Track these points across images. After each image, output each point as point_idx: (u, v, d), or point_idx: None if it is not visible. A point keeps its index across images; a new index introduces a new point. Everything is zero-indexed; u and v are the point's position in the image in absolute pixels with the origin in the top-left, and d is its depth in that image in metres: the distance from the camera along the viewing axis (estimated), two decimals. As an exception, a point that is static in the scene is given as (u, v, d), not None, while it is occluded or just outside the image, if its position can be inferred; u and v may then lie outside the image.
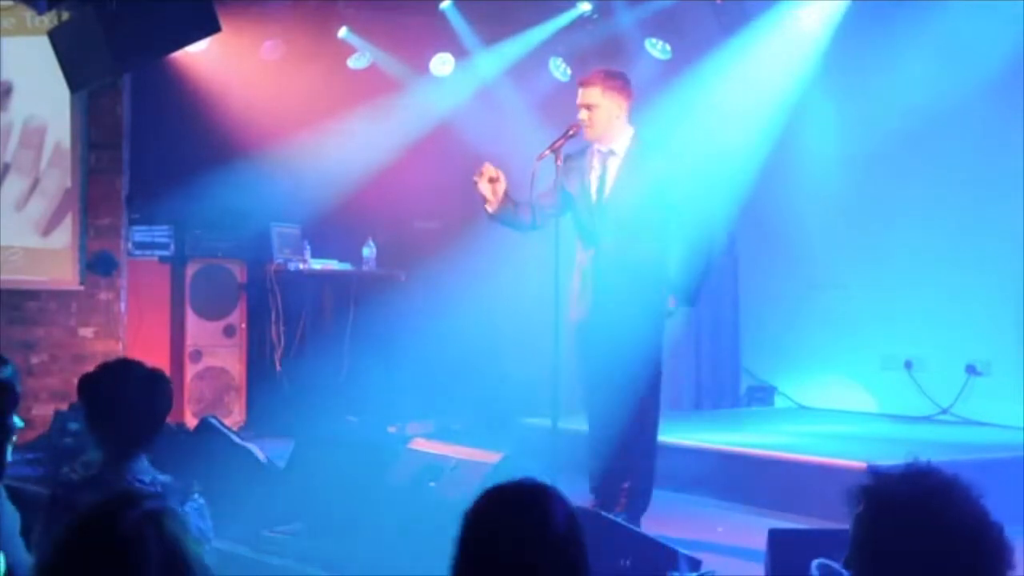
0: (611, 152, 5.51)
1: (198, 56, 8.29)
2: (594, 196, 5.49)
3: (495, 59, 9.16)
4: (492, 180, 5.38)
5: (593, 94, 5.45)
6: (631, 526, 4.98)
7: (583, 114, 5.45)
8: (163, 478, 3.28)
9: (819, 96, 8.38)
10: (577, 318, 5.50)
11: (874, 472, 2.08)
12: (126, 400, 3.29)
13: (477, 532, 2.13)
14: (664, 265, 5.47)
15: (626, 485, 5.47)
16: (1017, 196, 7.33)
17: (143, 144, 8.57)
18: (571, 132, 5.41)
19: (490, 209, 5.43)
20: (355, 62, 9.14)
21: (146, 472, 3.27)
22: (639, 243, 5.43)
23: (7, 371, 3.36)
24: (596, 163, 5.53)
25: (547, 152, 5.32)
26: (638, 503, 5.47)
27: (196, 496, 3.24)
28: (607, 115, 5.45)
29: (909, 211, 7.97)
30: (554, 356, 5.24)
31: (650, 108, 6.62)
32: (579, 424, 5.91)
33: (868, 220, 8.28)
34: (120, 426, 3.28)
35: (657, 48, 8.66)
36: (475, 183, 5.41)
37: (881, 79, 8.08)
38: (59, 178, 8.24)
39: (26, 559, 3.23)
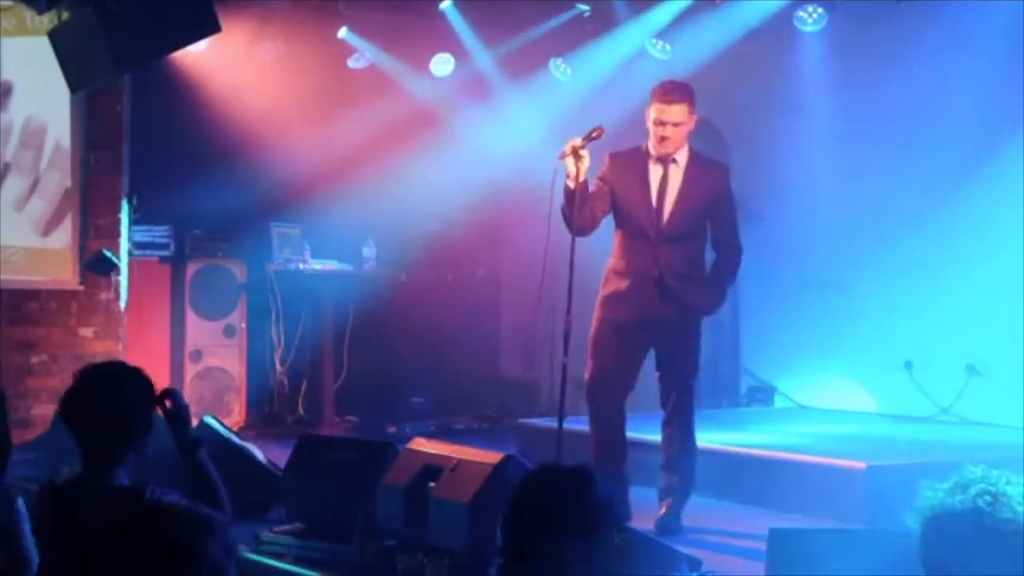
0: (673, 161, 5.63)
1: (198, 56, 8.29)
2: (654, 200, 5.58)
3: (495, 59, 9.17)
4: (577, 156, 5.35)
5: (682, 112, 5.55)
6: (633, 526, 4.99)
7: (669, 131, 5.49)
8: (119, 482, 3.23)
9: (819, 95, 8.38)
10: (625, 317, 5.59)
11: (925, 487, 2.24)
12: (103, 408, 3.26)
13: (529, 497, 2.41)
14: (703, 270, 5.74)
15: (675, 489, 5.70)
16: (1017, 196, 7.33)
17: (143, 144, 8.56)
18: (594, 135, 5.41)
19: (571, 184, 5.38)
20: (355, 62, 9.14)
21: (121, 478, 3.24)
22: (691, 249, 5.66)
23: None
24: (655, 169, 5.63)
25: (568, 151, 5.32)
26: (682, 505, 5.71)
27: (151, 498, 3.12)
28: (686, 132, 5.60)
29: (909, 211, 7.96)
30: (558, 357, 5.30)
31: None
32: (580, 425, 5.91)
33: (868, 220, 8.27)
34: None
35: (657, 48, 8.66)
36: (561, 156, 5.36)
37: (881, 78, 8.07)
38: (59, 178, 8.23)
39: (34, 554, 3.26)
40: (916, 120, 7.87)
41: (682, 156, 5.63)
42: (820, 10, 7.93)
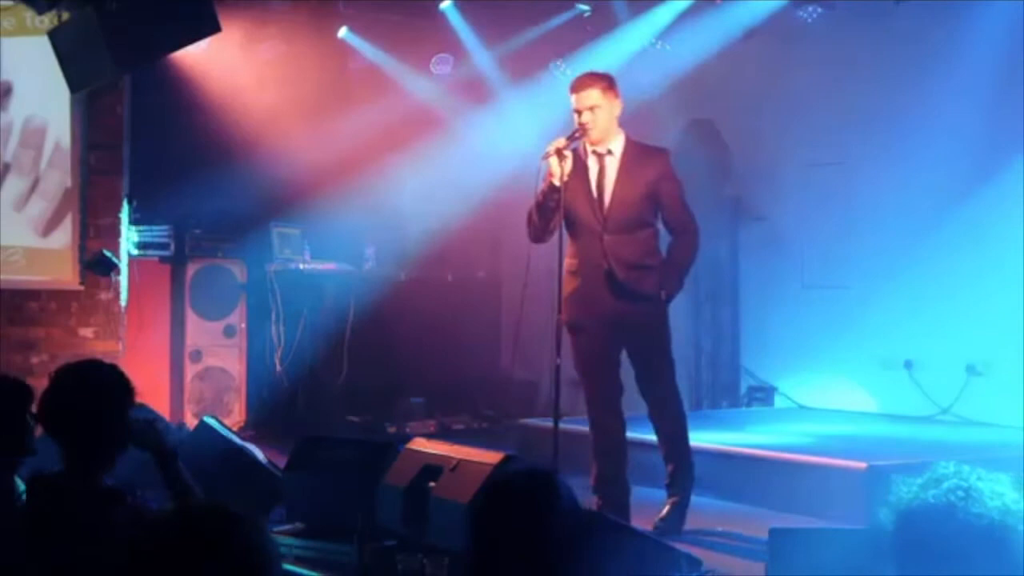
0: (608, 152, 5.59)
1: (198, 56, 8.29)
2: (595, 193, 5.55)
3: (495, 59, 9.17)
4: (560, 156, 5.34)
5: (593, 96, 5.51)
6: (633, 526, 4.99)
7: (586, 116, 5.48)
8: (106, 484, 3.20)
9: (819, 95, 8.39)
10: (584, 316, 5.53)
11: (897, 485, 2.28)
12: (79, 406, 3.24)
13: (490, 514, 2.38)
14: (659, 258, 5.63)
15: (675, 492, 5.65)
16: (1018, 195, 7.34)
17: (143, 144, 8.57)
18: (577, 134, 5.46)
19: (557, 183, 5.36)
20: (355, 62, 9.15)
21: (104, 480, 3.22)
22: (641, 239, 5.57)
23: None
24: (593, 163, 5.60)
25: (552, 151, 5.34)
26: (685, 506, 5.66)
27: (131, 503, 3.08)
28: (607, 116, 5.54)
29: (909, 211, 7.96)
30: (555, 356, 5.28)
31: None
32: (579, 425, 5.91)
33: (868, 220, 8.28)
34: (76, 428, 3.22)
35: (657, 48, 8.67)
36: (545, 156, 5.35)
37: (880, 78, 8.08)
38: (59, 178, 8.23)
39: None
40: (916, 119, 7.87)
41: (617, 146, 5.59)
42: (820, 10, 7.94)
